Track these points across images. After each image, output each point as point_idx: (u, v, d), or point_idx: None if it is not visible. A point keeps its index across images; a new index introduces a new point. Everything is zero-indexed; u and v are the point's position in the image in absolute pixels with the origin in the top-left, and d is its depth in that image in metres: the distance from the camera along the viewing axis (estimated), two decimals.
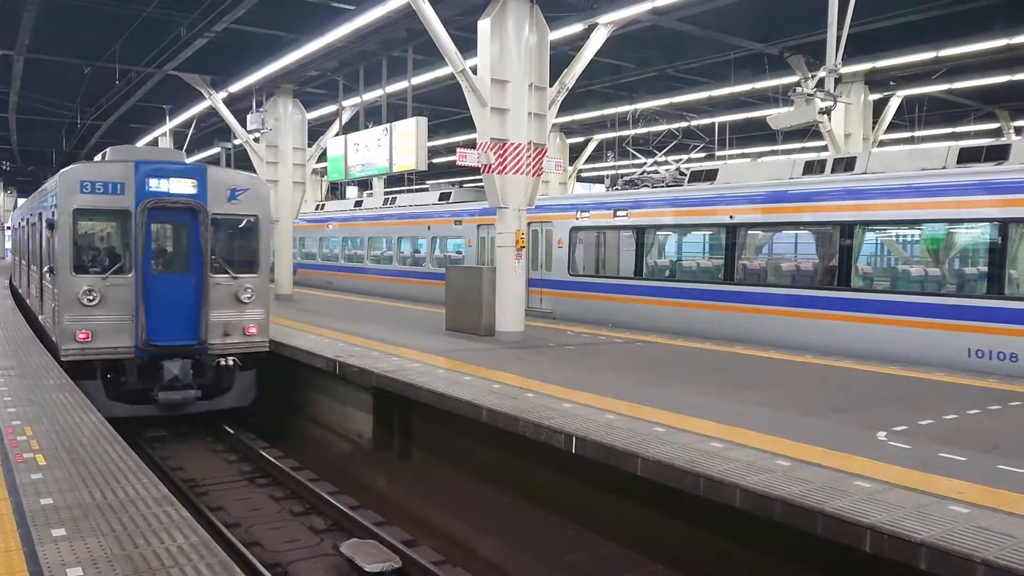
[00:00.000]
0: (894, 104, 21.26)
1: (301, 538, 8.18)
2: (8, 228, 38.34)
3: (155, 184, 11.08)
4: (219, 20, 15.53)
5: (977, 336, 10.59)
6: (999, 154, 11.35)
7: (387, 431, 10.86)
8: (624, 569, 7.13)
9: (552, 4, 13.31)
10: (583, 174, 40.31)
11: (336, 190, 40.57)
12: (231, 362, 11.70)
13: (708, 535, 6.69)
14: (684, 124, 20.96)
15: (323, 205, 30.79)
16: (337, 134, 18.70)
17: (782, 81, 18.53)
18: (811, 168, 13.57)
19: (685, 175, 16.47)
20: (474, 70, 12.56)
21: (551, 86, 13.15)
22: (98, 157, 13.40)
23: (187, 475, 10.17)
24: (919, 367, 10.44)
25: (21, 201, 40.62)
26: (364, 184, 38.46)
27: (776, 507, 5.14)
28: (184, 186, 11.27)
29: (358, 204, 28.12)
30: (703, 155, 27.64)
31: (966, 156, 11.66)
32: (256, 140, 20.87)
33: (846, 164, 13.08)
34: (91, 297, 10.85)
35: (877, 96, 20.55)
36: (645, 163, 19.33)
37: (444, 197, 22.88)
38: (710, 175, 15.40)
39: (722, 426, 6.98)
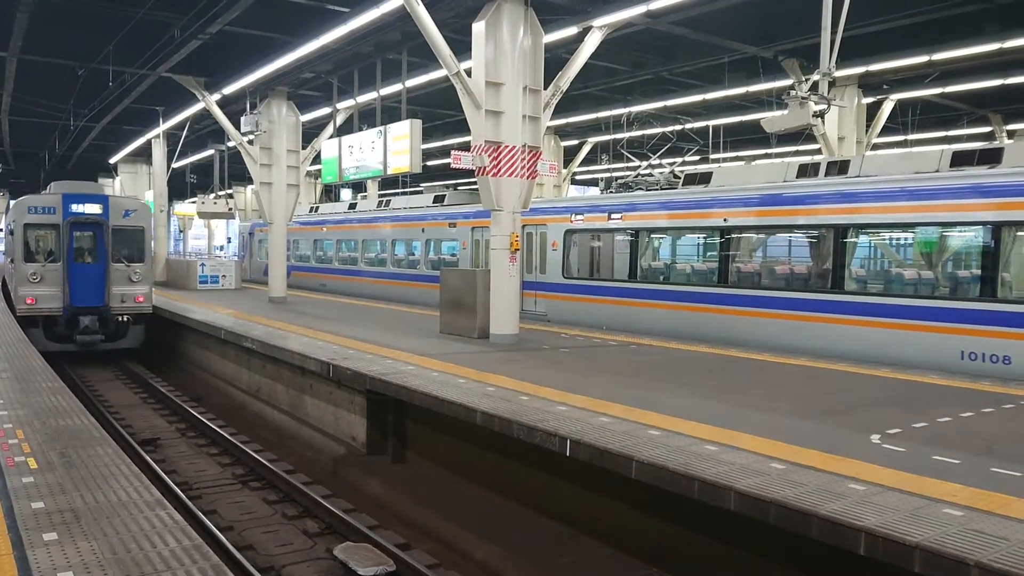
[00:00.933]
0: (887, 107, 21.33)
1: (294, 542, 8.16)
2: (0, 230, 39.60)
3: (75, 207, 17.62)
4: (213, 22, 15.49)
5: (970, 339, 10.62)
6: (992, 157, 11.39)
7: (381, 434, 10.84)
8: (618, 572, 7.13)
9: (547, 7, 13.31)
10: (577, 177, 40.36)
11: (330, 192, 40.52)
12: (126, 318, 18.17)
13: (703, 538, 6.69)
14: (678, 127, 20.99)
15: (317, 207, 30.75)
16: (331, 136, 18.65)
17: (776, 84, 18.59)
18: (805, 171, 13.60)
19: (679, 178, 16.47)
20: (468, 73, 12.56)
21: (546, 89, 13.14)
22: (45, 190, 19.58)
23: (180, 478, 10.15)
24: (913, 370, 10.47)
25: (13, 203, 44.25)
26: (358, 187, 38.42)
27: (771, 510, 5.14)
28: (94, 208, 17.77)
29: (352, 207, 28.09)
30: (697, 158, 27.72)
31: (959, 159, 11.70)
32: (250, 142, 20.82)
33: (840, 167, 13.10)
34: (35, 277, 17.16)
35: (871, 99, 20.61)
36: (639, 166, 19.34)
37: (438, 200, 22.87)
38: (704, 178, 15.41)
39: (716, 429, 6.98)
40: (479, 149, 12.57)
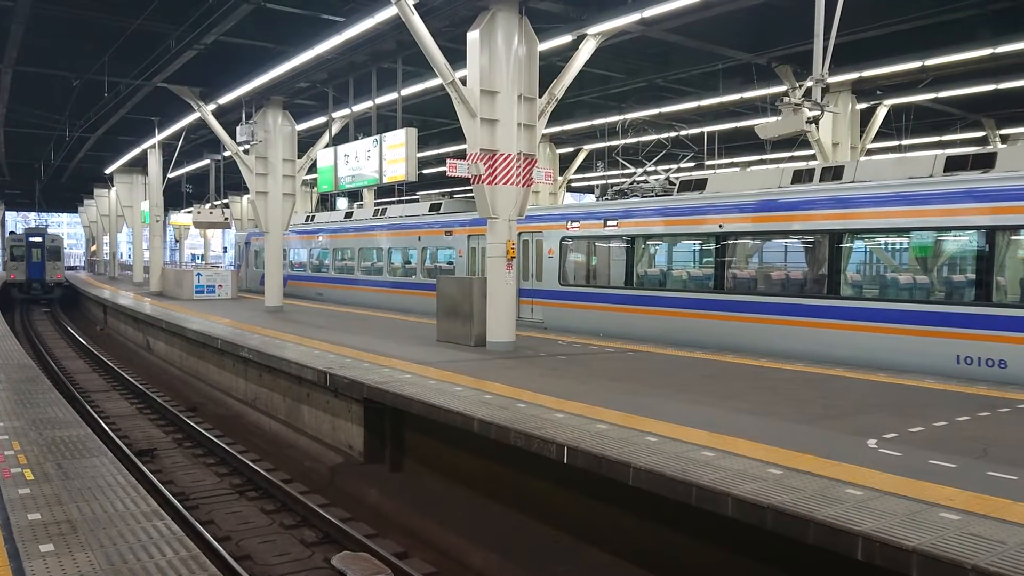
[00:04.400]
0: (881, 113, 21.43)
1: (292, 551, 8.13)
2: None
3: (31, 238, 44.01)
4: (208, 32, 15.54)
5: (966, 343, 10.65)
6: (985, 162, 11.44)
7: (378, 443, 10.82)
8: None
9: (541, 15, 13.37)
10: (573, 184, 40.44)
11: (326, 201, 40.52)
12: (54, 285, 43.38)
13: (700, 544, 6.69)
14: (673, 134, 21.07)
15: (313, 216, 30.76)
16: (327, 145, 18.69)
17: (770, 91, 18.66)
18: (799, 177, 13.65)
19: (675, 185, 16.52)
20: (463, 81, 12.60)
21: (540, 97, 13.19)
22: (19, 230, 48.83)
23: (177, 489, 10.12)
24: (909, 374, 10.49)
25: (10, 215, 62.19)
26: (354, 195, 38.44)
27: (768, 515, 5.14)
28: (39, 239, 43.96)
29: (348, 215, 28.10)
30: (692, 164, 27.81)
31: (953, 164, 11.75)
32: (246, 152, 20.85)
33: (834, 173, 13.16)
34: (14, 267, 43.05)
35: (864, 105, 20.70)
36: (635, 173, 19.40)
37: (434, 208, 22.89)
38: (699, 184, 15.46)
39: (713, 435, 6.99)
40: (475, 157, 12.60)
